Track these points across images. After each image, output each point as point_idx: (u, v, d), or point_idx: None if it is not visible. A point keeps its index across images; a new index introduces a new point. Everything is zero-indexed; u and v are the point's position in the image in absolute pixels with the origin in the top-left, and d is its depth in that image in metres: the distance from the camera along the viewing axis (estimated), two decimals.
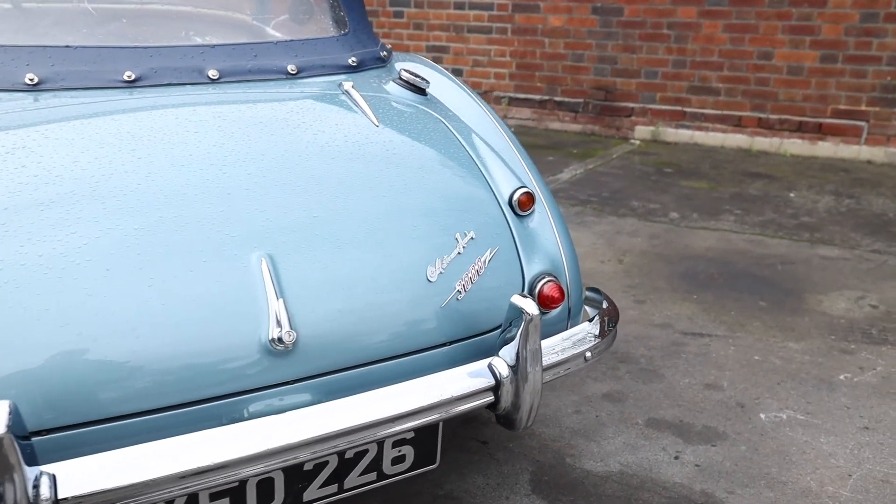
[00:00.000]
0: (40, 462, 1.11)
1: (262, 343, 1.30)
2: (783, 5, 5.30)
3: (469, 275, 1.53)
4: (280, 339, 1.29)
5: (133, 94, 1.64)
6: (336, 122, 1.71)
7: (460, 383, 1.42)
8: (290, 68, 1.86)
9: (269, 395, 1.33)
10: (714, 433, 2.17)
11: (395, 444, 1.46)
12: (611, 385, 2.42)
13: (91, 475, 1.12)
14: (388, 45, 2.20)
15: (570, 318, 1.72)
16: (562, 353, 1.60)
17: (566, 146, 5.79)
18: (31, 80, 1.57)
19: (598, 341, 1.66)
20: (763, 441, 2.14)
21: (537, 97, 6.40)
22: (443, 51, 6.70)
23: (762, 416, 2.26)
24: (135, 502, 1.15)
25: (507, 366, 1.44)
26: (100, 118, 1.54)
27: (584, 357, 1.63)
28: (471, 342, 1.53)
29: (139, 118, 1.56)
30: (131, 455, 1.16)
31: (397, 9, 6.81)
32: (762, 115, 5.54)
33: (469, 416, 1.63)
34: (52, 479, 1.08)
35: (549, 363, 1.55)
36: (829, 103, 5.32)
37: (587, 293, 1.83)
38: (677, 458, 2.06)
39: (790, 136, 5.47)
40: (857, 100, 5.23)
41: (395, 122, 1.78)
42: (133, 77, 1.66)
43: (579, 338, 1.65)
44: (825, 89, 5.31)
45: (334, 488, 1.42)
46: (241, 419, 1.30)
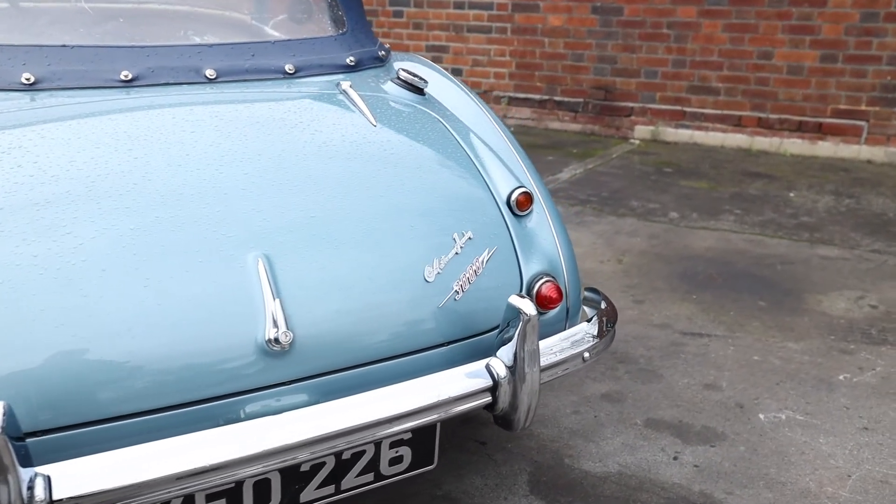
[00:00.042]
0: (35, 463, 1.11)
1: (259, 344, 1.29)
2: (783, 5, 5.30)
3: (467, 275, 1.53)
4: (276, 340, 1.29)
5: (130, 94, 1.64)
6: (334, 122, 1.71)
7: (458, 384, 1.42)
8: (288, 68, 1.85)
9: (266, 395, 1.32)
10: (713, 433, 2.17)
11: (393, 445, 1.46)
12: (610, 385, 2.41)
13: (86, 476, 1.11)
14: (387, 45, 2.19)
15: (568, 319, 1.71)
16: (560, 353, 1.59)
17: (566, 146, 5.78)
18: (28, 79, 1.56)
19: (596, 342, 1.66)
20: (762, 441, 2.13)
21: (537, 97, 6.39)
22: (442, 50, 6.69)
23: (761, 416, 2.25)
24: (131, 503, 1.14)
25: (505, 366, 1.44)
26: (96, 118, 1.53)
27: (583, 357, 1.63)
28: (468, 342, 1.52)
29: (136, 118, 1.55)
30: (127, 456, 1.16)
31: (397, 8, 6.80)
32: (762, 115, 5.54)
33: (467, 416, 1.63)
34: (47, 480, 1.08)
35: (546, 364, 1.54)
36: (829, 103, 5.31)
37: (585, 293, 1.83)
38: (676, 458, 2.06)
39: (790, 136, 5.47)
40: (857, 99, 5.23)
41: (392, 122, 1.78)
42: (130, 77, 1.65)
43: (577, 338, 1.65)
44: (825, 89, 5.31)
45: (331, 489, 1.42)
46: (238, 420, 1.29)
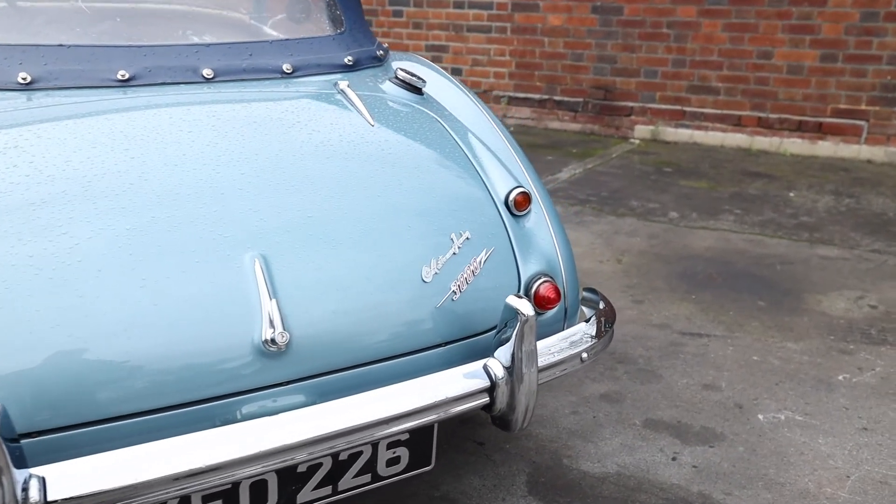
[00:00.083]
0: (30, 464, 1.10)
1: (255, 344, 1.29)
2: (783, 4, 5.29)
3: (464, 275, 1.52)
4: (273, 341, 1.28)
5: (127, 94, 1.63)
6: (331, 122, 1.70)
7: (455, 384, 1.42)
8: (286, 67, 1.85)
9: (263, 396, 1.32)
10: (712, 434, 2.16)
11: (390, 446, 1.46)
12: (608, 385, 2.41)
13: (81, 477, 1.11)
14: (385, 45, 2.19)
15: (566, 319, 1.71)
16: (558, 353, 1.59)
17: (565, 145, 5.78)
18: (24, 79, 1.56)
19: (594, 342, 1.66)
20: (761, 442, 2.13)
21: (537, 96, 6.39)
22: (442, 50, 6.69)
23: (760, 416, 2.25)
24: None
25: (503, 367, 1.43)
26: (93, 118, 1.53)
27: (581, 358, 1.62)
28: (466, 343, 1.52)
29: (132, 118, 1.55)
30: (122, 457, 1.15)
31: (396, 8, 6.80)
32: (762, 115, 5.53)
33: (465, 417, 1.63)
34: (42, 481, 1.07)
35: (544, 364, 1.54)
36: (828, 103, 5.31)
37: (584, 293, 1.82)
38: (675, 459, 2.05)
39: (790, 136, 5.46)
40: (857, 99, 5.22)
41: (390, 122, 1.77)
42: (127, 76, 1.65)
43: (576, 338, 1.64)
44: (825, 89, 5.30)
45: (328, 490, 1.42)
46: (235, 421, 1.29)
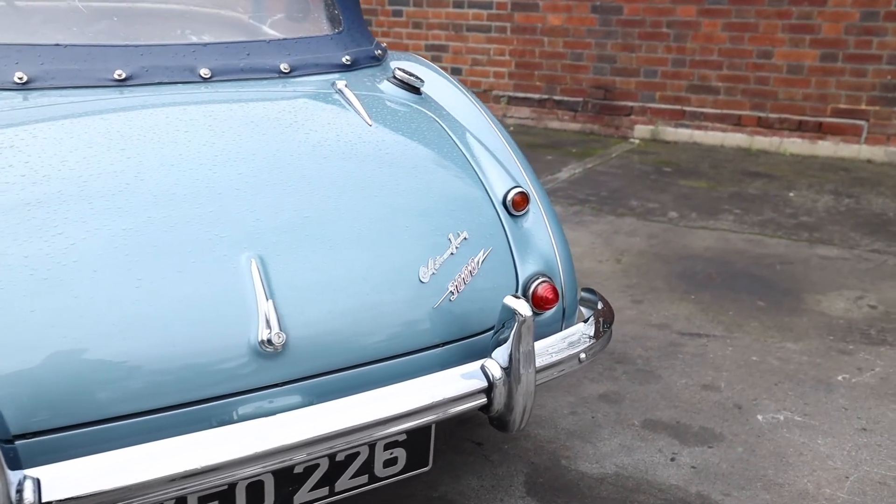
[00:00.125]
0: (24, 466, 1.10)
1: (252, 345, 1.29)
2: (783, 4, 5.28)
3: (462, 275, 1.52)
4: (269, 341, 1.28)
5: (123, 93, 1.63)
6: (329, 122, 1.70)
7: (452, 385, 1.41)
8: (283, 67, 1.84)
9: (259, 397, 1.31)
10: (711, 434, 2.16)
11: (387, 447, 1.45)
12: (607, 386, 2.40)
13: (76, 479, 1.11)
14: (384, 44, 2.18)
15: (564, 319, 1.71)
16: (556, 354, 1.59)
17: (565, 145, 5.77)
18: (21, 78, 1.55)
19: (592, 342, 1.65)
20: (760, 442, 2.12)
21: (536, 96, 6.38)
22: (442, 49, 6.68)
23: (759, 417, 2.24)
24: None
25: (500, 367, 1.43)
26: (89, 117, 1.52)
27: (579, 358, 1.62)
28: (464, 343, 1.51)
29: (129, 117, 1.54)
30: (118, 458, 1.15)
31: (396, 7, 6.79)
32: (762, 115, 5.52)
33: (463, 417, 1.62)
34: (36, 483, 1.07)
35: (542, 364, 1.54)
36: (828, 102, 5.30)
37: (582, 294, 1.82)
38: (673, 459, 2.05)
39: (790, 136, 5.45)
40: (857, 99, 5.21)
41: (388, 122, 1.77)
42: (124, 76, 1.64)
43: (574, 339, 1.64)
44: (825, 88, 5.29)
45: (325, 491, 1.41)
46: (231, 421, 1.29)
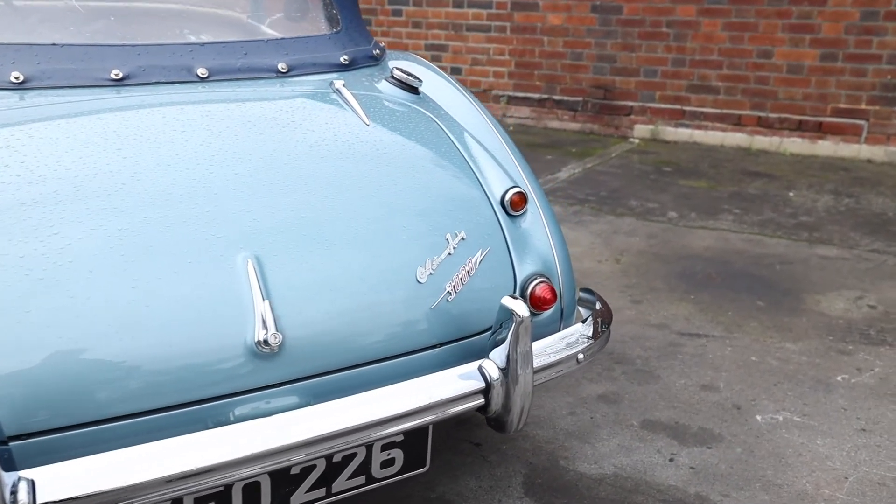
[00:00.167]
0: (19, 467, 1.09)
1: (248, 345, 1.28)
2: (783, 4, 5.27)
3: (459, 276, 1.51)
4: (266, 342, 1.27)
5: (120, 93, 1.62)
6: (326, 121, 1.69)
7: (450, 386, 1.41)
8: (281, 66, 1.84)
9: (256, 398, 1.31)
10: (710, 435, 2.15)
11: (384, 448, 1.45)
12: (606, 386, 2.40)
13: (71, 480, 1.10)
14: (382, 44, 2.18)
15: (562, 320, 1.70)
16: (553, 355, 1.58)
17: (565, 145, 5.77)
18: (17, 78, 1.55)
19: (590, 343, 1.65)
20: (759, 443, 2.12)
21: (536, 96, 6.38)
22: (441, 49, 6.68)
23: (758, 417, 2.24)
24: None
25: (498, 368, 1.43)
26: (86, 117, 1.52)
27: (577, 359, 1.61)
28: (461, 344, 1.51)
29: (126, 117, 1.54)
30: (113, 459, 1.14)
31: (396, 7, 6.78)
32: (762, 114, 5.52)
33: (461, 418, 1.62)
34: (31, 484, 1.06)
35: (540, 365, 1.53)
36: (828, 102, 5.29)
37: (580, 294, 1.81)
38: (672, 460, 2.04)
39: (790, 135, 5.45)
40: (857, 98, 5.21)
41: (386, 121, 1.76)
42: (121, 75, 1.64)
43: (572, 339, 1.63)
44: (825, 88, 5.28)
45: (322, 492, 1.41)
46: (227, 422, 1.28)
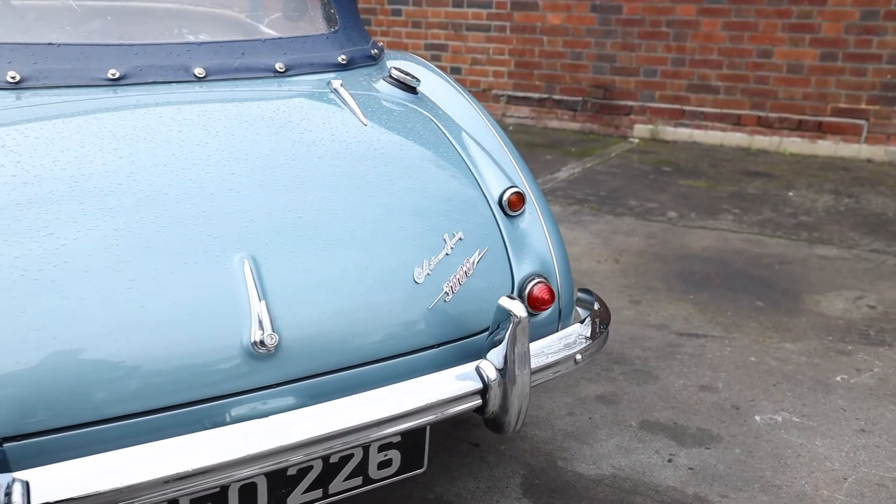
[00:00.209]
0: (13, 469, 1.09)
1: (244, 346, 1.28)
2: (783, 3, 5.27)
3: (457, 276, 1.51)
4: (262, 343, 1.27)
5: (117, 93, 1.62)
6: (323, 121, 1.69)
7: (447, 387, 1.40)
8: (278, 66, 1.83)
9: (252, 398, 1.31)
10: (708, 436, 2.15)
11: (382, 449, 1.44)
12: (605, 386, 2.39)
13: (66, 481, 1.10)
14: (380, 43, 2.17)
15: (560, 320, 1.70)
16: (551, 355, 1.58)
17: (564, 145, 5.76)
18: (13, 77, 1.54)
19: (588, 343, 1.64)
20: (758, 444, 2.11)
21: (536, 95, 6.37)
22: (441, 49, 6.67)
23: (757, 418, 2.23)
24: None
25: (495, 369, 1.42)
26: (82, 117, 1.51)
27: (575, 359, 1.61)
28: (458, 345, 1.50)
29: (122, 117, 1.53)
30: (109, 460, 1.14)
31: (395, 7, 6.78)
32: (761, 114, 5.51)
33: (459, 418, 1.62)
34: (25, 486, 1.06)
35: (538, 366, 1.53)
36: (828, 102, 5.29)
37: (579, 294, 1.81)
38: (671, 460, 2.04)
39: (790, 135, 5.44)
40: (857, 98, 5.20)
41: (383, 121, 1.76)
42: (117, 75, 1.64)
43: (570, 340, 1.63)
44: (825, 88, 5.28)
45: (319, 493, 1.40)
46: (224, 423, 1.28)
